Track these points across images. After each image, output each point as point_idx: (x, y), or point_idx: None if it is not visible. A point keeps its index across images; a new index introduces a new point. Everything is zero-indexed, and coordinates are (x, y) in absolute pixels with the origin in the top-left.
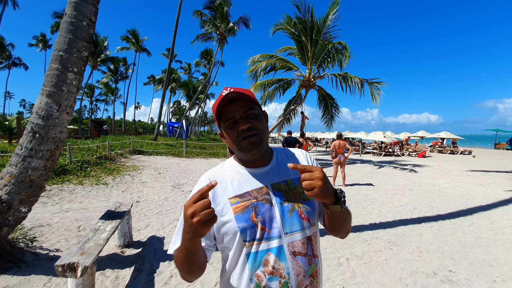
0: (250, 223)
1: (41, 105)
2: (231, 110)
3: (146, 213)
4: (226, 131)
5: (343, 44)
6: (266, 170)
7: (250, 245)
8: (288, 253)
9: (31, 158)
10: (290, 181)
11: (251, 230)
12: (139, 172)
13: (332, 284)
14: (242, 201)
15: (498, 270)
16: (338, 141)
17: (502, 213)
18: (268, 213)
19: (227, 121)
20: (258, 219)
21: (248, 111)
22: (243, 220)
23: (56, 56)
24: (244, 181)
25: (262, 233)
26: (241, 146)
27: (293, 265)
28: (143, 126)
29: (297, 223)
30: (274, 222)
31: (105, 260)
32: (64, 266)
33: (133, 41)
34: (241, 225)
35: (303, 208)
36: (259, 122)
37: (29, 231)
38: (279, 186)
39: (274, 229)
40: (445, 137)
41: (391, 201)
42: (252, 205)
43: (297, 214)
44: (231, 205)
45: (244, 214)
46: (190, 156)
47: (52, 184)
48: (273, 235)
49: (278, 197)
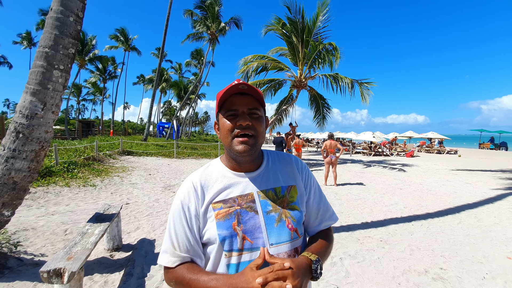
0: (231, 231)
1: (25, 103)
2: (236, 102)
3: (136, 215)
4: (223, 120)
5: (334, 45)
6: (254, 175)
7: (229, 256)
8: None
9: (14, 159)
10: (278, 189)
11: (231, 239)
12: (128, 173)
13: (326, 284)
14: (225, 207)
15: (487, 267)
16: (330, 141)
17: (488, 211)
18: (252, 222)
19: (228, 111)
20: (240, 227)
21: (252, 109)
22: (223, 227)
23: (41, 52)
24: (230, 186)
25: (243, 243)
26: (233, 143)
27: None
28: (132, 127)
29: (284, 234)
30: (258, 232)
31: (94, 265)
32: (50, 272)
33: (122, 40)
34: (222, 232)
35: (290, 218)
36: (259, 124)
37: (12, 235)
38: (267, 193)
39: (258, 240)
40: (432, 137)
41: (382, 200)
42: (235, 212)
43: (284, 225)
44: (214, 210)
45: (226, 221)
46: (181, 156)
47: (37, 186)
48: (257, 246)
49: (264, 206)
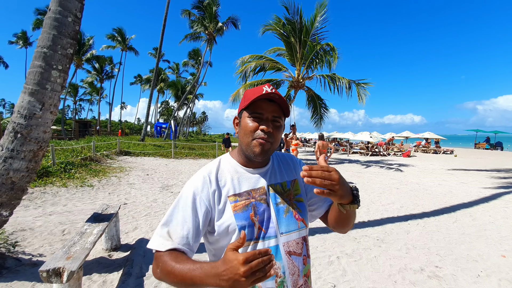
0: (249, 222)
1: (24, 104)
2: (264, 107)
3: (134, 215)
4: (247, 120)
5: (331, 46)
6: (263, 171)
7: (247, 244)
8: (284, 253)
9: (12, 159)
10: (284, 183)
11: (249, 229)
12: (126, 174)
13: (324, 282)
14: (241, 199)
15: (482, 265)
16: (321, 142)
17: (483, 210)
18: (265, 213)
19: (254, 113)
20: (257, 218)
21: (276, 117)
22: (242, 218)
23: (39, 53)
24: (243, 180)
25: (259, 232)
26: (252, 144)
27: (288, 265)
28: (129, 127)
29: (292, 223)
30: (270, 222)
31: (92, 264)
32: (49, 271)
33: (119, 40)
34: (241, 223)
35: (297, 209)
36: (278, 133)
37: (10, 235)
38: (275, 187)
39: (270, 229)
40: (429, 137)
41: (379, 199)
42: (251, 204)
43: (292, 215)
44: (230, 203)
45: (244, 213)
46: (179, 157)
47: (34, 187)
48: (270, 235)
49: (274, 198)
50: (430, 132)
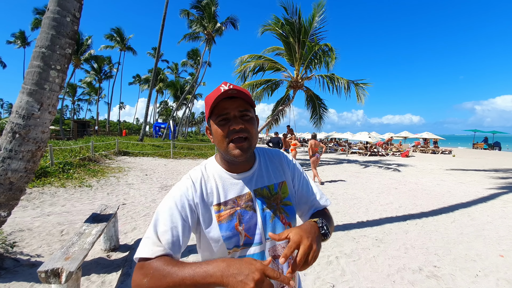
0: (234, 232)
1: (22, 104)
2: (226, 107)
3: (133, 216)
4: (216, 127)
5: (329, 46)
6: (249, 175)
7: (233, 252)
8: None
9: (10, 160)
10: (272, 186)
11: (234, 238)
12: (124, 174)
13: (323, 282)
14: (226, 209)
15: (480, 265)
16: (313, 141)
17: (481, 210)
18: (251, 220)
19: (219, 116)
20: (242, 227)
21: (243, 111)
22: (227, 229)
23: (38, 53)
24: (228, 187)
25: (245, 239)
26: (228, 148)
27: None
28: (128, 127)
29: (279, 228)
30: (256, 228)
31: (91, 265)
32: (48, 272)
33: (117, 40)
34: (225, 234)
35: (284, 214)
36: (251, 126)
37: (8, 236)
38: (261, 191)
39: (256, 236)
40: (427, 137)
41: (377, 199)
42: (236, 213)
43: (279, 220)
44: (215, 213)
45: (228, 223)
46: (178, 157)
47: (32, 187)
48: (256, 241)
49: (260, 204)
50: (429, 132)
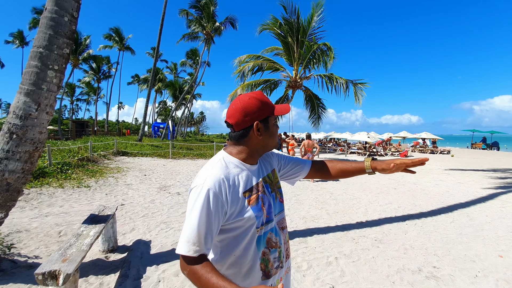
0: (261, 212)
1: (19, 104)
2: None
3: (131, 216)
4: (273, 127)
5: (328, 45)
6: (257, 166)
7: (260, 229)
8: (278, 229)
9: (7, 160)
10: (270, 174)
11: (261, 217)
12: (123, 174)
13: (322, 283)
14: (252, 194)
15: (479, 265)
16: (307, 141)
17: (480, 210)
18: (268, 201)
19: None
20: (265, 207)
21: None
22: (256, 210)
23: (35, 52)
24: (248, 176)
25: (265, 218)
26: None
27: (282, 237)
28: (127, 127)
29: (280, 206)
30: (271, 208)
31: (89, 266)
32: (45, 274)
33: (116, 40)
34: (257, 214)
35: (279, 195)
36: None
37: (6, 237)
38: (266, 179)
39: (271, 214)
40: (426, 137)
41: (376, 200)
42: (260, 197)
43: (278, 200)
44: (246, 198)
45: (257, 205)
46: (177, 157)
47: (30, 188)
48: (271, 218)
49: (268, 188)
50: (427, 132)
